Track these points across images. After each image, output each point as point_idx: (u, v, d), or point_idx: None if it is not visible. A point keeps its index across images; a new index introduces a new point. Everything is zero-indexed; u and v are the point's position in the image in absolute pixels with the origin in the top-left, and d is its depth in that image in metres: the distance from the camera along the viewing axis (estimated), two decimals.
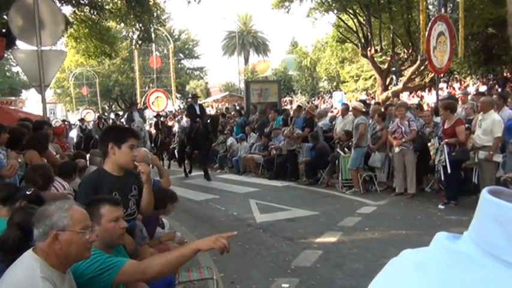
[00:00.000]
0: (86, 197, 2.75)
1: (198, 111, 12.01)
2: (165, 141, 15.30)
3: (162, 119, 17.85)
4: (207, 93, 45.06)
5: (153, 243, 3.90)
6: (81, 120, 19.77)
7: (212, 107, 32.40)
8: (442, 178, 7.70)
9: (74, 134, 19.05)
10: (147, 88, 39.40)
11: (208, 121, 11.44)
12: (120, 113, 30.96)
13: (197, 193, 10.29)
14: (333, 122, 12.13)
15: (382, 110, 9.96)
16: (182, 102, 41.01)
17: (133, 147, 3.02)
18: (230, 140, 14.20)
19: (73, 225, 2.02)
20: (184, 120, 20.67)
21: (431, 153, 7.94)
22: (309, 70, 36.76)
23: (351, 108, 10.13)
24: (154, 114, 21.08)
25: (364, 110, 9.89)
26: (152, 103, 24.28)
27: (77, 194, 3.34)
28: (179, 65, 48.13)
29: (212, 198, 9.47)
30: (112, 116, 25.64)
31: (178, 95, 41.55)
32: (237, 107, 22.25)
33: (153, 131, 19.53)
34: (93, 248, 2.18)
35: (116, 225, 2.51)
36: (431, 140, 8.15)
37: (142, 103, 31.15)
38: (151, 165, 4.53)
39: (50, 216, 2.01)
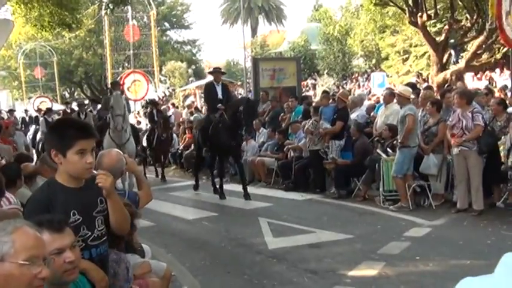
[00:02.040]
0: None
1: (220, 94, 11.14)
2: (163, 139, 14.39)
3: (158, 106, 17.21)
4: (199, 76, 45.10)
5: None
6: (48, 111, 19.75)
7: (195, 96, 32.40)
8: None
9: (32, 131, 18.98)
10: (120, 69, 39.54)
11: (241, 108, 10.39)
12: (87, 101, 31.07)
13: (188, 209, 10.32)
14: (372, 113, 12.12)
15: (438, 96, 9.91)
16: (168, 88, 41.20)
17: (85, 152, 2.93)
18: None
19: (15, 254, 1.96)
20: (171, 111, 20.75)
21: (502, 155, 7.90)
22: (338, 43, 36.69)
23: (396, 95, 10.09)
24: (143, 100, 20.77)
25: (412, 96, 9.84)
26: (128, 89, 24.32)
27: (23, 213, 3.32)
28: (164, 38, 48.31)
29: (209, 217, 9.50)
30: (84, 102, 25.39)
31: (162, 78, 41.75)
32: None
33: (142, 123, 19.43)
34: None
35: (59, 260, 2.43)
36: (502, 137, 8.10)
37: None
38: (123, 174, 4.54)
39: None
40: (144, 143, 15.22)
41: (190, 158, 15.66)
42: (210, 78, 13.13)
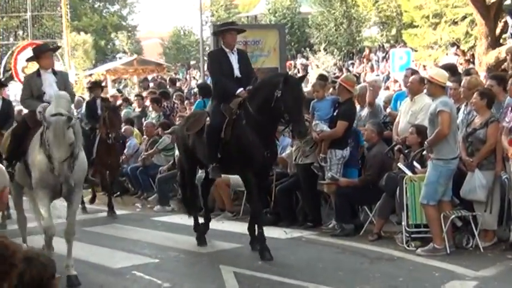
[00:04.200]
0: None
1: (236, 69, 10.05)
2: (111, 144, 13.56)
3: (104, 94, 16.99)
4: (138, 51, 44.76)
5: None
6: None
7: (105, 83, 32.14)
8: None
9: None
10: (12, 39, 39.24)
11: (278, 94, 9.07)
12: None
13: (115, 254, 10.22)
14: (387, 109, 12.15)
15: (488, 84, 9.97)
16: (86, 68, 40.89)
17: None
18: None
19: None
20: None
21: None
22: (341, 4, 36.94)
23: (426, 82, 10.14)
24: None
25: (450, 84, 9.88)
26: (23, 69, 24.13)
27: None
28: None
29: (146, 264, 9.42)
30: None
31: (76, 53, 41.43)
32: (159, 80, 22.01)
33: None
34: None
35: None
36: None
37: (2, 70, 30.91)
38: None
39: None
40: None
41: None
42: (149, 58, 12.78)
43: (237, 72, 9.99)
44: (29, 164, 8.78)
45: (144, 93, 21.19)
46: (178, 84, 28.45)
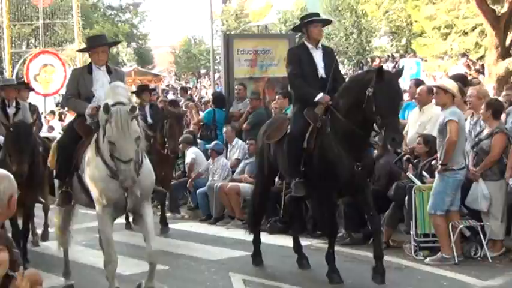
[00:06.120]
0: None
1: (321, 68, 8.89)
2: (164, 156, 12.58)
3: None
4: (144, 60, 44.61)
5: None
6: None
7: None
8: None
9: None
10: (24, 47, 39.28)
11: (370, 92, 7.80)
12: None
13: (125, 260, 10.21)
14: None
15: (496, 96, 9.98)
16: None
17: None
18: (191, 153, 14.29)
19: None
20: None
21: None
22: (352, 14, 36.92)
23: (435, 91, 10.13)
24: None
25: (461, 95, 9.91)
26: (35, 77, 24.17)
27: None
28: (90, 0, 48.14)
29: (156, 271, 9.43)
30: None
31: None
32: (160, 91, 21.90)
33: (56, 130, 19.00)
34: None
35: None
36: None
37: (14, 78, 30.93)
38: None
39: None
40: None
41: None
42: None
43: (321, 72, 8.80)
44: (84, 179, 7.79)
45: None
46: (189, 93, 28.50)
